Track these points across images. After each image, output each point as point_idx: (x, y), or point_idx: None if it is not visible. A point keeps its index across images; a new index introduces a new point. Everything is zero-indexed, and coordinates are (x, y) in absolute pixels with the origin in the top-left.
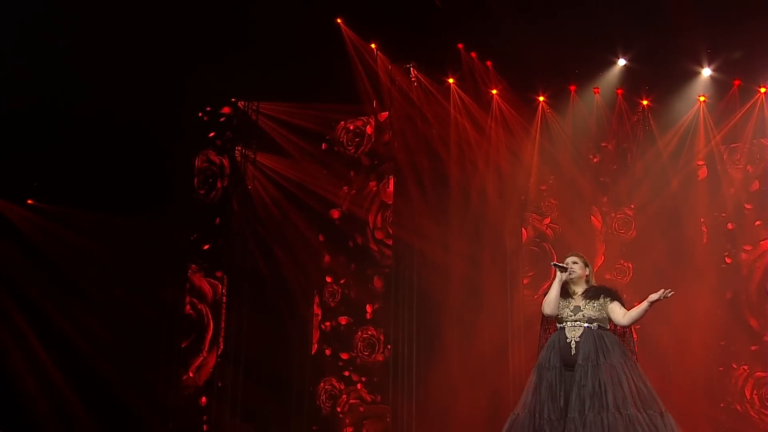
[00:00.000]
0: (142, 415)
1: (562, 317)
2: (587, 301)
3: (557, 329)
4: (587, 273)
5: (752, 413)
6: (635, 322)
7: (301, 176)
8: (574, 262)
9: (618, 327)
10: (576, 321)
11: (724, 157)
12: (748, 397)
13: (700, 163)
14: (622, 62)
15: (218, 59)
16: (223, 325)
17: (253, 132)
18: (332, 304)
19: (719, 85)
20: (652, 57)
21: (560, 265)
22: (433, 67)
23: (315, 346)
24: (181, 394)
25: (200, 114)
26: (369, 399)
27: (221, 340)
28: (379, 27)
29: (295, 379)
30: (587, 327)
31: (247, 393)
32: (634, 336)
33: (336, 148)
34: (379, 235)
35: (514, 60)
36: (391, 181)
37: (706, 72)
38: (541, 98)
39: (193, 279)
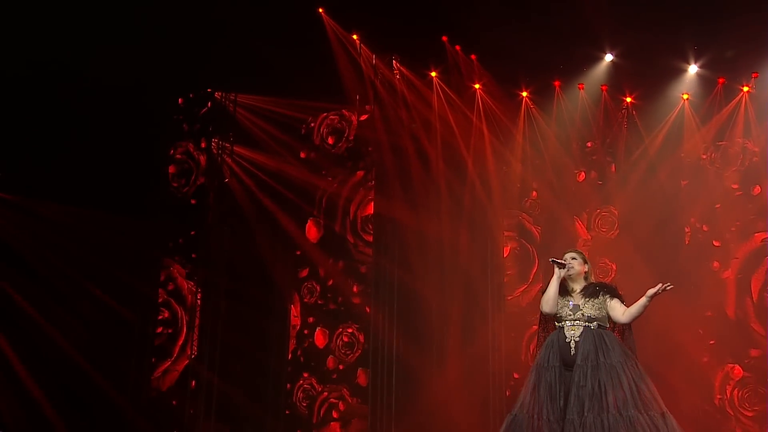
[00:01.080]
0: (114, 412)
1: (561, 316)
2: (586, 299)
3: (556, 328)
4: (586, 270)
5: (729, 410)
6: (635, 319)
7: (280, 170)
8: (573, 258)
9: (618, 325)
10: (575, 320)
11: (711, 155)
12: (728, 396)
13: (686, 161)
14: (609, 57)
15: (195, 49)
16: (198, 321)
17: (231, 124)
18: (311, 301)
19: (706, 82)
20: (639, 53)
21: (558, 261)
22: (416, 60)
23: (293, 344)
24: (154, 392)
25: (176, 105)
26: (348, 399)
27: (196, 337)
28: (362, 18)
29: (272, 378)
30: (587, 326)
31: (222, 392)
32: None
33: (316, 141)
34: (360, 229)
35: (499, 54)
36: (373, 175)
37: (693, 69)
38: (524, 93)
39: (167, 274)
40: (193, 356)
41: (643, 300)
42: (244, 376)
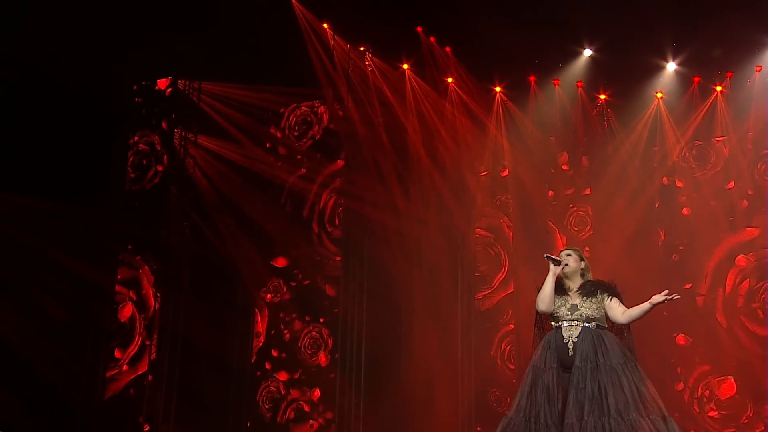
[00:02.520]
0: (66, 413)
1: (557, 316)
2: (584, 298)
3: (552, 328)
4: (582, 267)
5: (695, 408)
6: (634, 321)
7: (246, 162)
8: (568, 255)
9: (616, 324)
10: (573, 320)
11: (685, 155)
12: (699, 394)
13: (660, 160)
14: (588, 53)
15: (157, 34)
16: (157, 318)
17: (194, 113)
18: (277, 299)
19: (684, 81)
20: (617, 49)
21: (554, 258)
22: (388, 51)
23: (258, 342)
24: (109, 391)
25: (136, 93)
26: (314, 400)
27: (155, 335)
28: (333, 5)
29: (235, 378)
30: (585, 326)
31: (183, 393)
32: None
33: (285, 132)
34: (329, 226)
35: (475, 47)
36: (344, 169)
37: (671, 66)
38: (498, 89)
39: (124, 268)
40: (151, 355)
41: (645, 305)
42: (205, 375)
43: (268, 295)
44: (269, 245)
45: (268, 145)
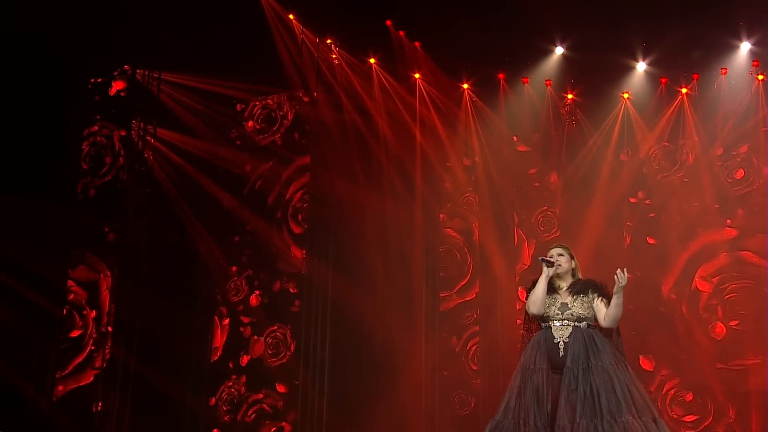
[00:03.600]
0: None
1: (548, 315)
2: (575, 297)
3: (541, 328)
4: (573, 266)
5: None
6: (616, 321)
7: (208, 157)
8: (560, 254)
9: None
10: (564, 320)
11: (652, 155)
12: (663, 392)
13: (627, 162)
14: (559, 50)
15: (115, 21)
16: (112, 317)
17: (154, 105)
18: (238, 298)
19: (653, 81)
20: (588, 48)
21: (548, 260)
22: (356, 44)
23: (216, 346)
24: (59, 391)
25: (92, 83)
26: (275, 403)
27: (110, 334)
28: None
29: (193, 380)
30: (576, 326)
31: (139, 395)
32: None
33: (249, 126)
34: (292, 223)
35: (445, 43)
36: (309, 163)
37: (641, 66)
38: (465, 86)
39: (79, 265)
40: (105, 355)
41: (614, 300)
42: (162, 376)
43: (230, 293)
44: (232, 242)
45: (231, 139)
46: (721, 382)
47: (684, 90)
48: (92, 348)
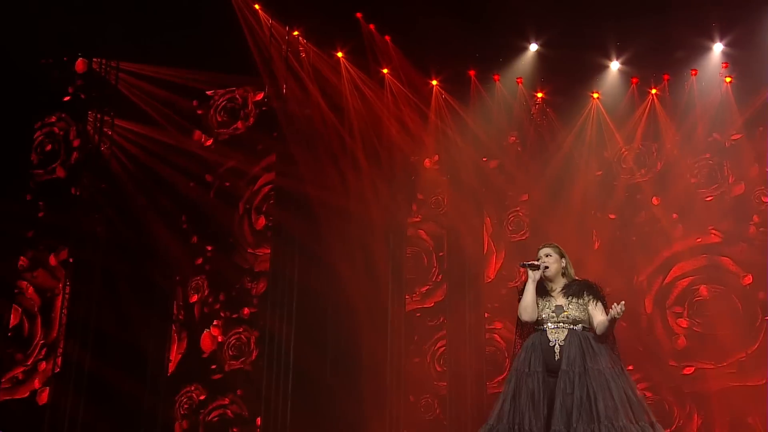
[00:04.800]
0: None
1: (542, 318)
2: (570, 298)
3: (535, 331)
4: (564, 265)
5: None
6: (605, 337)
7: (169, 150)
8: (548, 255)
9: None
10: (559, 322)
11: (622, 156)
12: None
13: (597, 162)
14: (534, 47)
15: (71, 8)
16: (65, 317)
17: (111, 95)
18: (198, 298)
19: (626, 81)
20: (561, 45)
21: (531, 263)
22: (324, 37)
23: (175, 349)
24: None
25: (45, 71)
26: (236, 410)
27: (62, 335)
28: None
29: (150, 383)
30: (572, 329)
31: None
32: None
33: (212, 119)
34: (256, 221)
35: (416, 37)
36: (274, 161)
37: (615, 66)
38: (434, 82)
39: (29, 262)
40: (57, 358)
41: (607, 322)
42: (118, 379)
43: (190, 293)
44: (193, 239)
45: (194, 131)
46: (670, 380)
47: (653, 90)
48: (44, 349)
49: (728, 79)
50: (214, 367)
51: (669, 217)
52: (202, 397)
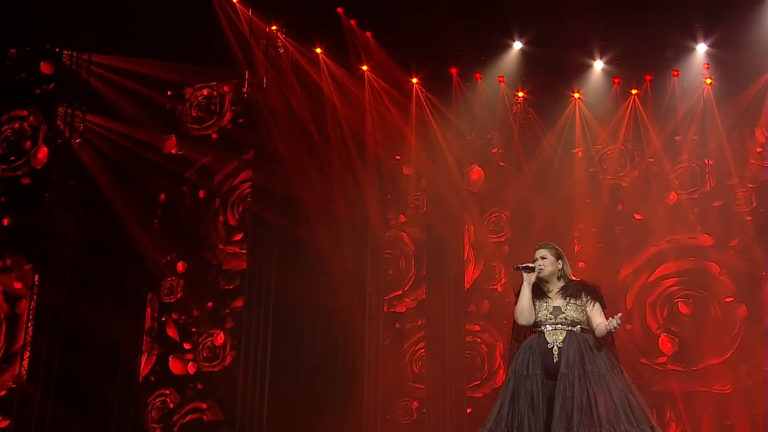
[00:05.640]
0: None
1: (539, 320)
2: (568, 299)
3: (532, 333)
4: (560, 267)
5: None
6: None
7: (142, 147)
8: (543, 257)
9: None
10: (557, 324)
11: (605, 156)
12: None
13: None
14: (518, 45)
15: None
16: (32, 317)
17: (83, 90)
18: (173, 298)
19: (609, 80)
20: (545, 44)
21: (525, 266)
22: (304, 32)
23: (146, 353)
24: None
25: (13, 64)
26: (210, 416)
27: (30, 335)
28: None
29: (122, 386)
30: (570, 330)
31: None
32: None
33: (188, 114)
34: (232, 221)
35: (398, 34)
36: (252, 158)
37: (599, 65)
38: (414, 80)
39: None
40: (23, 360)
41: (605, 332)
42: (88, 381)
43: (163, 293)
44: (166, 238)
45: (169, 127)
46: (638, 377)
47: (634, 91)
48: (11, 350)
49: (708, 81)
50: (189, 369)
51: (651, 217)
52: (176, 401)
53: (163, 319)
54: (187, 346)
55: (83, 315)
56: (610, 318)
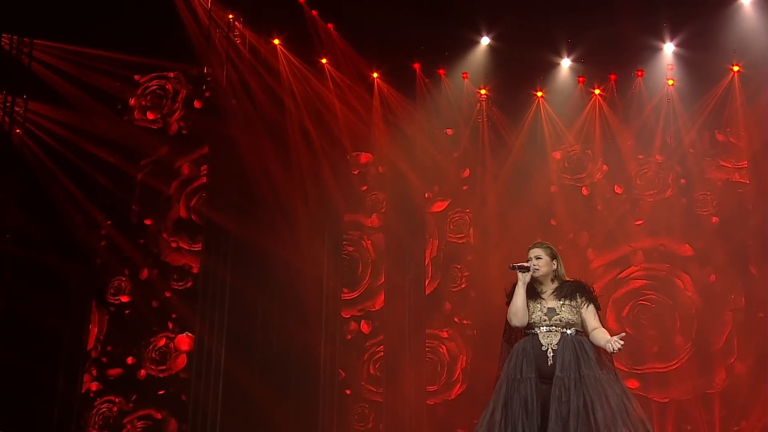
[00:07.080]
0: None
1: (533, 322)
2: (562, 300)
3: (525, 335)
4: (555, 267)
5: None
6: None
7: (89, 136)
8: (538, 257)
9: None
10: (551, 326)
11: (570, 156)
12: None
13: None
14: (485, 41)
15: None
16: None
17: (24, 77)
18: (120, 301)
19: (575, 79)
20: (510, 40)
21: (520, 265)
22: (262, 21)
23: (92, 355)
24: None
25: None
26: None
27: None
28: None
29: (61, 397)
30: (564, 333)
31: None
32: None
33: (136, 109)
34: (185, 217)
35: (361, 27)
36: (206, 152)
37: (566, 63)
38: (375, 75)
39: None
40: None
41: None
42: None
43: (109, 296)
44: (115, 236)
45: (119, 117)
46: None
47: (597, 91)
48: None
49: (671, 82)
50: (139, 374)
51: (611, 217)
52: (126, 407)
53: (109, 322)
54: (135, 347)
55: (19, 318)
56: (613, 338)
